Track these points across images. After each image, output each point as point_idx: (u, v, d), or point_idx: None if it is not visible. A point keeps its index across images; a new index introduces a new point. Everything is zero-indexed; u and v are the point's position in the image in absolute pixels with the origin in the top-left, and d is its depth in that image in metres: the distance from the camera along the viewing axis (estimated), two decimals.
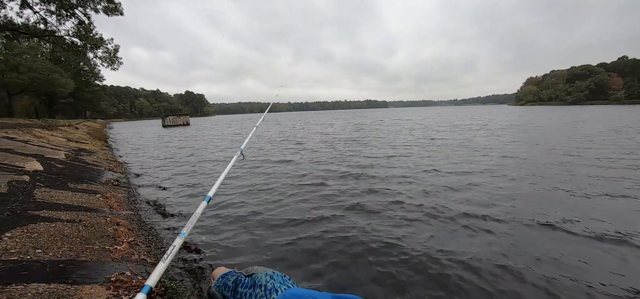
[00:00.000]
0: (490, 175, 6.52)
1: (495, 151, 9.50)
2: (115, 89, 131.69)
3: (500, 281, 2.72)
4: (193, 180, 7.17)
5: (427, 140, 13.64)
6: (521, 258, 3.07)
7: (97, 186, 5.46)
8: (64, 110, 53.95)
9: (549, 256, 3.09)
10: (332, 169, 7.62)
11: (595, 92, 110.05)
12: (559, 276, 2.76)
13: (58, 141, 11.62)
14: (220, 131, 27.46)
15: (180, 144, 16.69)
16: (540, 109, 66.26)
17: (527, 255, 3.12)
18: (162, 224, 4.29)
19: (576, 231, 3.61)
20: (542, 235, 3.59)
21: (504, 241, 3.45)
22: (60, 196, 4.16)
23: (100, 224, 3.46)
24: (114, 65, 21.24)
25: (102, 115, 78.81)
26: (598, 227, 3.71)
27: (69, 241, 2.83)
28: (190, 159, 10.66)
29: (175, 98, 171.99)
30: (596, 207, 4.45)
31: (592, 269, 2.87)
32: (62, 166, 6.52)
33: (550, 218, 4.04)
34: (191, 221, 0.79)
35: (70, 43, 19.31)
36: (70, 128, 22.39)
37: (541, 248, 3.27)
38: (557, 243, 3.37)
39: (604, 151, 8.96)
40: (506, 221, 3.97)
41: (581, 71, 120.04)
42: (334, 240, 3.57)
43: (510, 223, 3.92)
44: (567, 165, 7.28)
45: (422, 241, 3.49)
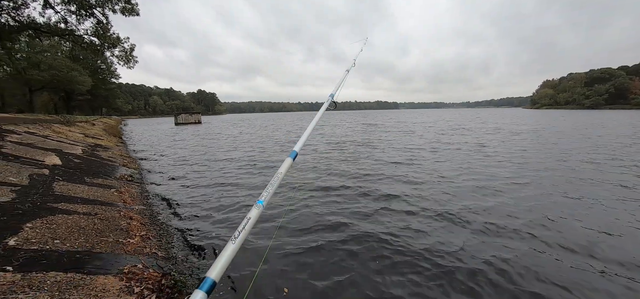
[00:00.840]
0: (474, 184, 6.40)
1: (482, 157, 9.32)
2: (130, 87, 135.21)
3: None
4: (204, 178, 7.31)
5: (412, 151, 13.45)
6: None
7: (111, 181, 5.64)
8: (81, 107, 55.72)
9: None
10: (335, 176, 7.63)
11: (615, 96, 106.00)
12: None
13: (75, 137, 12.03)
14: (226, 131, 27.83)
15: (192, 142, 17.01)
16: (557, 113, 64.34)
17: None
18: (173, 220, 4.40)
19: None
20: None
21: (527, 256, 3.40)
22: (77, 190, 4.32)
23: (115, 218, 3.59)
24: (129, 64, 21.85)
25: (117, 112, 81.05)
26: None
27: (85, 233, 2.95)
28: (202, 157, 10.86)
29: (187, 96, 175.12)
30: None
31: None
32: (79, 161, 6.76)
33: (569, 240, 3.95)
34: (272, 183, 0.76)
35: (88, 42, 19.98)
36: (87, 124, 23.12)
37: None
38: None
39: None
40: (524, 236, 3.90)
41: (601, 74, 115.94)
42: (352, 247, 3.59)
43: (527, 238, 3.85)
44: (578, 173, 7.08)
45: (452, 249, 3.47)
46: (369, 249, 3.40)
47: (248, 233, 0.56)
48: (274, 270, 3.01)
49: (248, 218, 0.59)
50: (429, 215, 4.40)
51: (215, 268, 0.49)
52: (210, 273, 0.48)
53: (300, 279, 2.86)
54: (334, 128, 25.22)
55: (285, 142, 15.55)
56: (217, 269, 0.49)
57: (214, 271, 0.49)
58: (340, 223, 4.10)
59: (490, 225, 3.97)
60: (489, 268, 2.96)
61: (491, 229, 3.87)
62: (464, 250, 3.31)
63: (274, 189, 0.72)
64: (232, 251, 0.52)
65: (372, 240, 3.61)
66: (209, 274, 0.48)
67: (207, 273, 0.47)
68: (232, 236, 0.53)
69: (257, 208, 0.63)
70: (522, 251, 3.30)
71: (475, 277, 2.83)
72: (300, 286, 2.76)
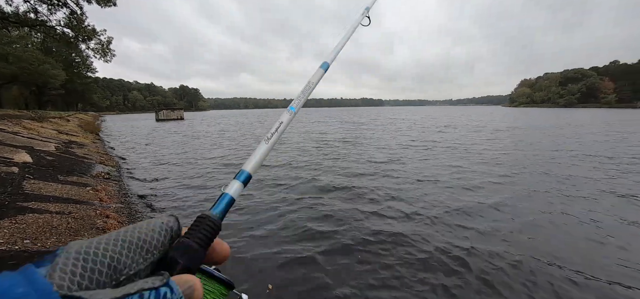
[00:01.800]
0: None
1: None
2: (107, 82, 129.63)
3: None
4: (186, 172, 7.17)
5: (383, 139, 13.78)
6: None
7: (87, 179, 5.44)
8: (55, 102, 53.03)
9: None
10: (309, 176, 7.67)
11: (587, 95, 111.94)
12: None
13: (48, 133, 11.46)
14: (205, 128, 27.32)
15: (173, 138, 16.58)
16: (532, 111, 67.15)
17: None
18: (153, 217, 4.30)
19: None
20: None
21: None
22: (50, 189, 4.14)
23: (90, 216, 3.47)
24: (106, 57, 20.90)
25: (94, 108, 77.56)
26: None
27: (58, 232, 2.84)
28: (182, 154, 10.63)
29: (169, 92, 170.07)
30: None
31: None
32: (52, 158, 6.46)
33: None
34: (304, 92, 0.77)
35: (61, 33, 18.95)
36: (61, 120, 22.05)
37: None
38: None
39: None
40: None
41: (574, 74, 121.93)
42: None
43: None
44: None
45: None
46: (358, 253, 3.47)
47: (280, 135, 0.60)
48: (259, 269, 3.02)
49: (281, 121, 0.63)
50: (426, 217, 4.53)
51: (251, 163, 0.53)
52: (246, 167, 0.52)
53: (285, 277, 2.88)
54: (320, 124, 25.24)
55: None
56: (252, 164, 0.53)
57: (250, 165, 0.53)
58: (328, 224, 4.15)
59: (474, 226, 4.13)
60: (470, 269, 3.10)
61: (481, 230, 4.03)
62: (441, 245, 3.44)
63: (306, 98, 0.75)
64: (266, 150, 0.57)
65: (360, 243, 3.68)
66: (245, 167, 0.52)
67: (244, 166, 0.52)
68: (265, 137, 0.58)
69: (289, 113, 0.66)
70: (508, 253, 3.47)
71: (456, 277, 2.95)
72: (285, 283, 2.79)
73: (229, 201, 0.47)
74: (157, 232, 0.35)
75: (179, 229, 0.38)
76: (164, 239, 0.35)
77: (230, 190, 0.48)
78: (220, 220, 0.43)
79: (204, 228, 0.39)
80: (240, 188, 0.50)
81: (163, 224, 0.36)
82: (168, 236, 0.36)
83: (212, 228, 0.40)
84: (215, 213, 0.43)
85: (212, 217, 0.41)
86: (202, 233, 0.39)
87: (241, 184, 0.50)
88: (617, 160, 8.16)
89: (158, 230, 0.35)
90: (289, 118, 0.64)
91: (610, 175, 6.56)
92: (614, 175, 6.56)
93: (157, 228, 0.35)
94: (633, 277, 2.80)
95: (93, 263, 0.27)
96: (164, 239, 0.35)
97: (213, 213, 0.43)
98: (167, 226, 0.36)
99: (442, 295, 2.57)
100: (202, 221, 0.40)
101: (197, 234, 0.38)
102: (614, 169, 7.14)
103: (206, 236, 0.39)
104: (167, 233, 0.36)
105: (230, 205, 0.47)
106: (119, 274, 0.29)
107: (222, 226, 0.42)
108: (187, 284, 0.31)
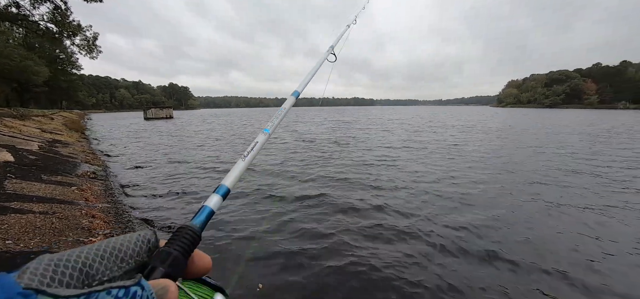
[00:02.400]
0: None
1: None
2: (93, 79, 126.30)
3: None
4: (172, 173, 7.09)
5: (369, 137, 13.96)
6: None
7: (72, 179, 5.32)
8: (38, 100, 51.35)
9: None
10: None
11: (571, 96, 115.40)
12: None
13: (31, 131, 11.13)
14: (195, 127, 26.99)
15: (161, 137, 16.32)
16: (519, 111, 68.75)
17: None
18: (140, 217, 4.26)
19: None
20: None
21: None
22: (33, 188, 4.05)
23: (75, 216, 3.41)
24: (92, 54, 20.37)
25: (79, 106, 75.45)
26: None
27: (41, 232, 2.79)
28: (170, 153, 10.48)
29: (158, 90, 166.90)
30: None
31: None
32: (35, 157, 6.30)
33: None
34: (278, 116, 0.83)
35: (44, 29, 18.37)
36: (45, 118, 21.42)
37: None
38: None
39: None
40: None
41: (559, 76, 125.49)
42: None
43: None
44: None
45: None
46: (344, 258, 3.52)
47: (256, 154, 0.65)
48: (248, 268, 3.03)
49: (256, 141, 0.68)
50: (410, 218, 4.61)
51: (229, 178, 0.56)
52: (225, 181, 0.55)
53: (276, 276, 2.91)
54: (311, 125, 25.27)
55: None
56: (231, 179, 0.56)
57: (229, 180, 0.56)
58: (316, 230, 4.19)
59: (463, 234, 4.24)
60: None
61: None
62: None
63: (279, 121, 0.81)
64: (243, 167, 0.61)
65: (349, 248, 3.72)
66: (225, 182, 0.55)
67: (223, 181, 0.55)
68: (242, 155, 0.63)
69: (263, 134, 0.71)
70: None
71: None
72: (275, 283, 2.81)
73: (209, 213, 0.48)
74: (134, 242, 0.35)
75: (156, 241, 0.39)
76: (140, 249, 0.36)
77: (210, 203, 0.50)
78: (201, 230, 0.44)
79: (184, 237, 0.40)
80: (219, 201, 0.52)
81: (140, 236, 0.37)
82: (145, 247, 0.37)
83: (192, 237, 0.41)
84: (195, 223, 0.44)
85: (192, 227, 0.42)
86: (183, 241, 0.39)
87: (220, 198, 0.52)
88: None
89: (134, 240, 0.36)
90: (264, 139, 0.70)
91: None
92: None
93: (134, 239, 0.36)
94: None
95: (64, 267, 0.27)
96: (140, 249, 0.36)
97: (193, 223, 0.44)
98: (144, 238, 0.37)
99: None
100: (181, 231, 0.41)
101: (177, 243, 0.39)
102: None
103: (186, 245, 0.39)
104: (143, 244, 0.36)
105: (210, 217, 0.49)
106: (91, 279, 0.29)
107: (218, 225, 0.45)
108: (160, 286, 0.31)
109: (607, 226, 3.98)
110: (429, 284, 2.70)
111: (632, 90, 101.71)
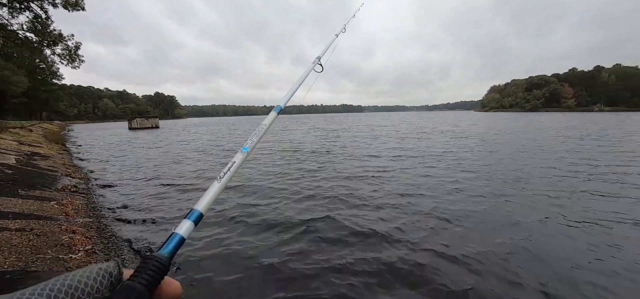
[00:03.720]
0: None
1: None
2: (75, 88, 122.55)
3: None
4: (157, 185, 6.94)
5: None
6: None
7: (51, 193, 5.15)
8: (16, 111, 49.45)
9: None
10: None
11: (550, 100, 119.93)
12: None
13: (7, 144, 10.71)
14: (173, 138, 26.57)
15: (146, 148, 15.97)
16: (502, 115, 70.88)
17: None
18: (123, 231, 4.15)
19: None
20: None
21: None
22: (9, 204, 3.90)
23: (54, 232, 3.31)
24: (74, 63, 19.83)
25: (60, 117, 72.96)
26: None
27: (18, 250, 2.69)
28: (154, 164, 10.27)
29: (143, 99, 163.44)
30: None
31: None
32: (12, 171, 6.06)
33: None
34: (257, 133, 0.77)
35: (23, 38, 17.80)
36: (23, 130, 20.62)
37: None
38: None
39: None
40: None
41: (538, 80, 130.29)
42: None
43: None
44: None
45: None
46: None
47: (232, 175, 0.63)
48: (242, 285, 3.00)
49: (233, 161, 0.65)
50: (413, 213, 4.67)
51: (203, 202, 0.54)
52: (198, 206, 0.53)
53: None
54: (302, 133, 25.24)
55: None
56: (204, 203, 0.53)
57: (202, 204, 0.53)
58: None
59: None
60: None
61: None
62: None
63: (258, 139, 0.77)
64: (218, 189, 0.58)
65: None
66: (197, 206, 0.53)
67: (195, 206, 0.53)
68: (218, 176, 0.60)
69: (241, 153, 0.69)
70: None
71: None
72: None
73: (179, 241, 0.47)
74: (93, 278, 0.34)
75: (119, 273, 0.37)
76: (100, 285, 0.34)
77: (181, 230, 0.48)
78: (169, 259, 0.43)
79: (150, 268, 0.39)
80: (191, 228, 0.50)
81: (101, 270, 0.35)
82: (106, 281, 0.35)
83: (159, 268, 0.40)
84: (163, 253, 0.43)
85: (159, 258, 0.41)
86: (148, 274, 0.38)
87: (192, 223, 0.50)
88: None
89: (94, 276, 0.34)
90: (242, 159, 0.68)
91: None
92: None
93: (93, 275, 0.34)
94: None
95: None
96: (100, 285, 0.34)
97: (161, 253, 0.43)
98: (105, 272, 0.35)
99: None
100: (147, 263, 0.40)
101: (142, 276, 0.38)
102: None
103: (152, 277, 0.38)
104: (104, 279, 0.35)
105: (180, 245, 0.47)
106: None
107: (215, 233, 0.44)
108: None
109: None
110: None
111: (606, 93, 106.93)
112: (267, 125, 0.82)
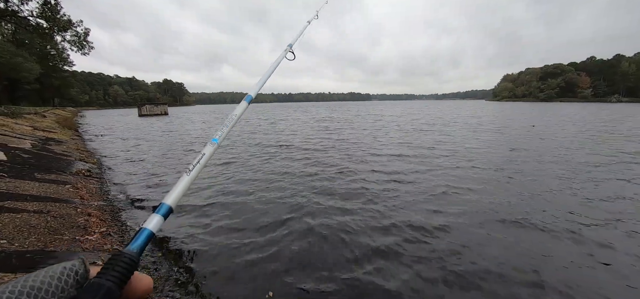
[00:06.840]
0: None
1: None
2: (86, 76, 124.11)
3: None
4: (169, 170, 7.03)
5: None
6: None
7: (66, 177, 5.26)
8: (30, 97, 50.43)
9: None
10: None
11: (565, 90, 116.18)
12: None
13: (23, 130, 10.96)
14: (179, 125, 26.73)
15: (157, 134, 16.17)
16: (516, 105, 69.09)
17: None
18: (136, 215, 4.22)
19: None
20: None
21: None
22: (26, 187, 3.99)
23: (71, 215, 3.38)
24: (84, 50, 20.12)
25: (72, 103, 74.34)
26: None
27: (37, 231, 2.76)
28: (166, 150, 10.40)
29: (152, 86, 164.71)
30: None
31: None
32: (28, 156, 6.21)
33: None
34: (227, 124, 0.78)
35: (34, 24, 18.03)
36: (37, 116, 21.07)
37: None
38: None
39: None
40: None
41: (553, 69, 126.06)
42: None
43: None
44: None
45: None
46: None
47: (202, 167, 0.62)
48: (257, 276, 3.03)
49: (203, 153, 0.64)
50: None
51: (171, 196, 0.54)
52: (166, 200, 0.53)
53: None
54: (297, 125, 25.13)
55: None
56: (173, 197, 0.54)
57: (170, 198, 0.53)
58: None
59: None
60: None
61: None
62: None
63: (229, 130, 0.76)
64: (188, 182, 0.58)
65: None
66: (166, 200, 0.53)
67: (164, 200, 0.53)
68: (186, 169, 0.60)
69: (211, 145, 0.68)
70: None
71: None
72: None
73: (148, 235, 0.47)
74: (57, 278, 0.33)
75: (85, 272, 0.37)
76: (65, 284, 0.33)
77: (150, 224, 0.48)
78: (139, 255, 0.43)
79: (119, 265, 0.38)
80: (160, 222, 0.50)
81: (65, 269, 0.34)
82: (72, 280, 0.34)
83: (128, 264, 0.39)
84: (132, 248, 0.43)
85: (127, 254, 0.41)
86: (116, 270, 0.38)
87: (161, 218, 0.51)
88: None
89: (58, 275, 0.33)
90: (211, 150, 0.67)
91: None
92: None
93: (57, 274, 0.33)
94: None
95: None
96: (65, 284, 0.33)
97: (129, 249, 0.43)
98: (70, 270, 0.35)
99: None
100: (115, 259, 0.39)
101: (110, 273, 0.37)
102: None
103: (120, 273, 0.38)
104: (69, 278, 0.34)
105: (149, 239, 0.47)
106: None
107: (219, 227, 0.43)
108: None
109: None
110: None
111: (625, 83, 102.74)
112: (237, 115, 0.82)
